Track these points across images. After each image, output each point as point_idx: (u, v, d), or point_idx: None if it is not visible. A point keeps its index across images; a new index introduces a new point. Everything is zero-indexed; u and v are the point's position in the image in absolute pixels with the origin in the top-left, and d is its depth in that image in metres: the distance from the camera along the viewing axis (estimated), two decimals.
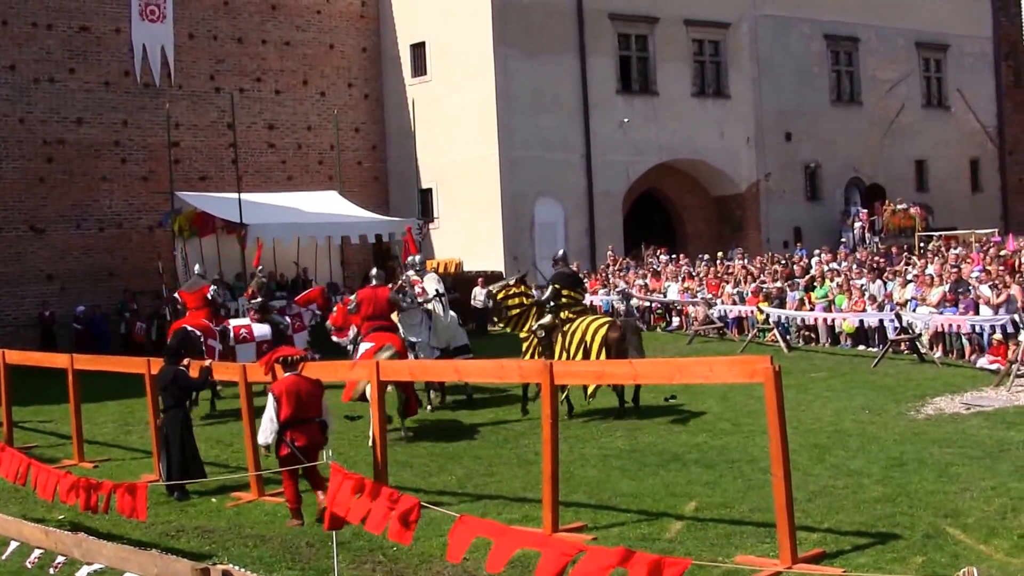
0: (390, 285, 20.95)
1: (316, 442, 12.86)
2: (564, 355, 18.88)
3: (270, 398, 12.90)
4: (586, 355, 18.69)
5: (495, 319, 24.05)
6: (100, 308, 35.98)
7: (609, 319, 20.08)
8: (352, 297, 20.82)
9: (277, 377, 13.41)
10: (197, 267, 26.72)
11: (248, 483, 14.50)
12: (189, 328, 21.17)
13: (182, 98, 38.71)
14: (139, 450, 18.30)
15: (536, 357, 19.53)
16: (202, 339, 21.72)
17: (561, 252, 22.16)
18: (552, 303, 20.04)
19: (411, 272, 21.91)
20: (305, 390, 12.91)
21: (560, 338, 19.39)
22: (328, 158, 41.00)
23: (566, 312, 19.87)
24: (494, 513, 12.39)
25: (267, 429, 12.84)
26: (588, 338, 18.87)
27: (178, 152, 37.40)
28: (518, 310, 20.83)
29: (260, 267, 28.56)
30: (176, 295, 24.99)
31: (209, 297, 23.38)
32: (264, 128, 40.72)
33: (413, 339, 20.32)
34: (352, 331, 20.72)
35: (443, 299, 21.60)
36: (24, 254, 36.15)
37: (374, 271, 21.56)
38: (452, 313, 22.16)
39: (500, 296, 21.09)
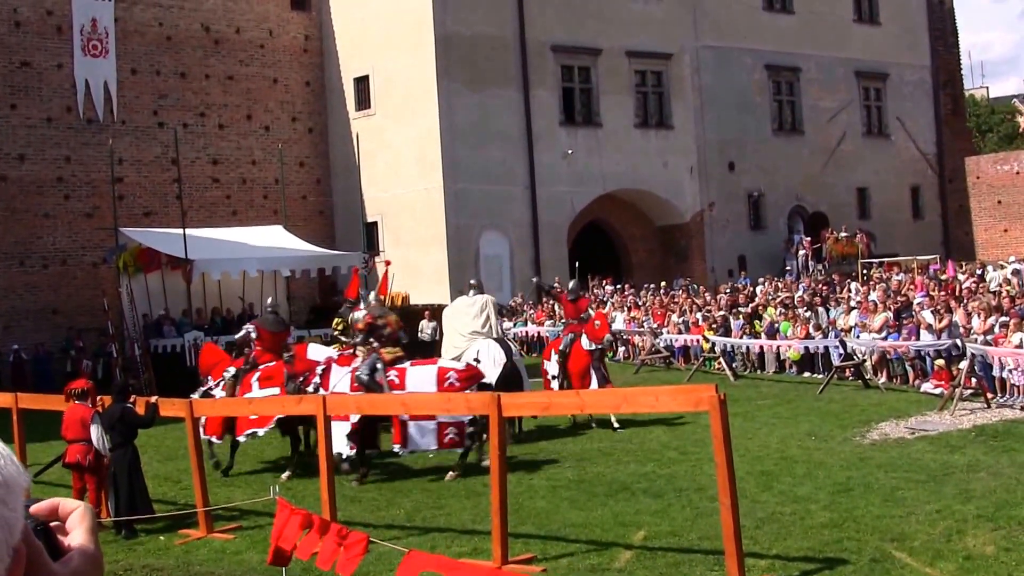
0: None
1: (84, 461, 14.51)
2: None
3: None
4: None
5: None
6: (44, 346, 35.60)
7: None
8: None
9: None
10: None
11: (197, 520, 14.41)
12: None
13: (125, 133, 38.49)
14: None
15: None
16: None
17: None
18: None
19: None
20: (77, 417, 14.64)
21: None
22: (273, 192, 40.85)
23: None
24: (443, 546, 12.37)
25: None
26: None
27: (122, 188, 37.11)
28: None
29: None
30: None
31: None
32: (208, 163, 40.58)
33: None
34: None
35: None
36: None
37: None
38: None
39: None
